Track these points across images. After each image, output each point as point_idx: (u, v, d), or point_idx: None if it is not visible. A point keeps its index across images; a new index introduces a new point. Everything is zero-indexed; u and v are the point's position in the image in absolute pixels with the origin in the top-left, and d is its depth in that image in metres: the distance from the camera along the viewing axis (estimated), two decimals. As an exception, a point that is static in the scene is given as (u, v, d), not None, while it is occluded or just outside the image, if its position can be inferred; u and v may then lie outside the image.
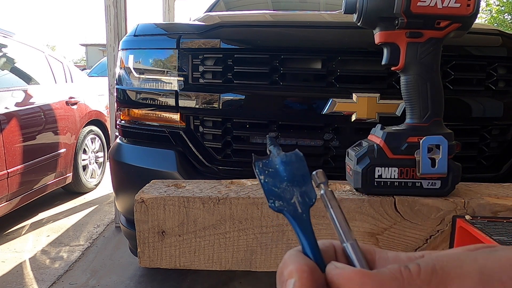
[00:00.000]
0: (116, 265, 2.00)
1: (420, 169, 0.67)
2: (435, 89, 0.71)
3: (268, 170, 0.29)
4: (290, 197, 0.27)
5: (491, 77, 1.09)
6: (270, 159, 0.29)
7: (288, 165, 0.29)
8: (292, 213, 0.27)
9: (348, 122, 1.06)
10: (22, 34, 2.82)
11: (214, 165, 1.15)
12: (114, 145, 1.35)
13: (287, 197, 0.27)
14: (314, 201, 0.28)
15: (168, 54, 1.17)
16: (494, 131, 1.13)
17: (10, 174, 2.23)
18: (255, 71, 1.11)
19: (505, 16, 14.37)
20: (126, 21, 2.41)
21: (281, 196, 0.27)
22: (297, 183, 0.28)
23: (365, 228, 0.69)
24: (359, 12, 0.71)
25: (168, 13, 4.19)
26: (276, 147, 0.30)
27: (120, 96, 1.29)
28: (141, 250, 0.70)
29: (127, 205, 1.28)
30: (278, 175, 0.28)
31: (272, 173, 0.28)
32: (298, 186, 0.28)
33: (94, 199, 3.17)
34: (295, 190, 0.28)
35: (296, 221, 0.27)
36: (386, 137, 0.70)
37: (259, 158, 0.29)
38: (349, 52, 1.08)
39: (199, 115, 1.16)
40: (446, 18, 0.66)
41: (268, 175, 0.28)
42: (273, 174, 0.28)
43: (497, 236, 0.57)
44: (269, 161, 0.29)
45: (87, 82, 3.56)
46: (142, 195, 0.69)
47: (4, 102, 2.27)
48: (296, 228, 0.27)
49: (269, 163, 0.29)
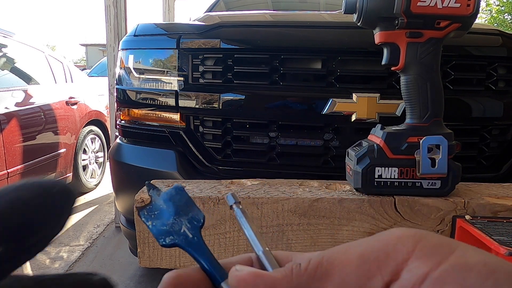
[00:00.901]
0: (116, 265, 2.00)
1: (420, 169, 0.67)
2: (435, 89, 0.71)
3: (154, 214, 0.30)
4: (179, 228, 0.29)
5: (491, 77, 1.09)
6: (152, 203, 0.31)
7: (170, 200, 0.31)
8: (184, 242, 0.28)
9: (348, 122, 1.06)
10: (22, 34, 2.82)
11: (214, 165, 1.15)
12: (114, 145, 1.35)
13: (176, 230, 0.29)
14: (202, 221, 0.29)
15: (168, 54, 1.17)
16: (494, 131, 1.13)
17: (10, 174, 2.23)
18: (255, 71, 1.11)
19: (505, 16, 14.37)
20: (126, 21, 2.41)
21: (171, 231, 0.29)
22: (183, 212, 0.30)
23: (365, 228, 0.69)
24: (359, 12, 0.71)
25: (168, 13, 4.19)
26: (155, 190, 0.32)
27: (120, 96, 1.29)
28: (141, 250, 0.70)
29: (127, 205, 1.28)
30: (163, 214, 0.30)
31: (157, 215, 0.30)
32: (185, 215, 0.29)
33: (94, 199, 3.17)
34: (182, 220, 0.29)
35: (190, 247, 0.28)
36: (386, 137, 0.70)
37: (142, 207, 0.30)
38: (349, 52, 1.08)
39: (199, 115, 1.16)
40: (446, 18, 0.66)
41: (154, 219, 0.29)
42: (158, 215, 0.30)
43: (497, 236, 0.57)
44: (152, 205, 0.31)
45: (87, 82, 3.56)
46: (142, 195, 0.69)
47: (4, 102, 2.27)
48: (191, 252, 0.28)
49: (152, 207, 0.30)
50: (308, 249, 0.69)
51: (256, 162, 1.13)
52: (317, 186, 0.76)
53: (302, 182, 0.79)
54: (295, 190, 0.72)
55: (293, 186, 0.76)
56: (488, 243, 0.57)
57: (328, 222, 0.68)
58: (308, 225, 0.68)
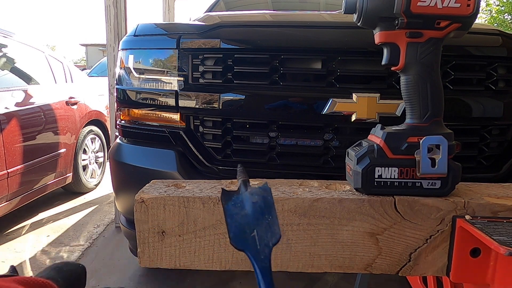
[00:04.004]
0: (116, 265, 2.00)
1: (420, 169, 0.67)
2: (435, 89, 0.71)
3: (237, 205, 0.29)
4: (254, 237, 0.28)
5: (491, 77, 1.09)
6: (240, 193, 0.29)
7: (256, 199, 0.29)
8: (253, 254, 0.27)
9: (348, 122, 1.06)
10: (22, 34, 2.82)
11: (214, 165, 1.15)
12: (114, 145, 1.35)
13: (251, 238, 0.27)
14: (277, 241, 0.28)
15: (168, 54, 1.17)
16: (494, 131, 1.13)
17: (10, 174, 2.23)
18: (255, 71, 1.11)
19: (505, 16, 14.37)
20: (126, 21, 2.40)
21: (245, 237, 0.27)
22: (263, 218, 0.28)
23: (365, 228, 0.68)
24: (359, 12, 0.71)
25: (168, 13, 4.19)
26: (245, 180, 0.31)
27: (120, 96, 1.29)
28: (141, 250, 0.70)
29: (127, 205, 1.28)
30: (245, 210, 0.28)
31: (239, 207, 0.29)
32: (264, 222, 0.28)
33: (94, 199, 3.17)
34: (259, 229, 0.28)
35: (256, 262, 0.27)
36: (386, 137, 0.70)
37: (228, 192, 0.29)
38: (349, 52, 1.08)
39: (199, 115, 1.16)
40: (446, 18, 0.66)
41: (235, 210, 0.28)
42: (240, 208, 0.29)
43: (497, 236, 0.57)
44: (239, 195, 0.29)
45: (87, 82, 3.56)
46: (142, 195, 0.69)
47: (4, 102, 2.27)
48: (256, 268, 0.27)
49: (238, 198, 0.29)
50: (308, 249, 0.69)
51: (256, 162, 1.13)
52: (317, 186, 0.76)
53: (302, 182, 0.78)
54: (295, 190, 0.72)
55: (293, 186, 0.76)
56: (488, 243, 0.57)
57: (328, 222, 0.68)
58: (308, 225, 0.68)
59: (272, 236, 0.27)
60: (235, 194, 0.29)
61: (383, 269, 0.70)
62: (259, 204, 0.28)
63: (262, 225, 0.27)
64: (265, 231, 0.27)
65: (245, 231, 0.27)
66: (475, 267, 0.66)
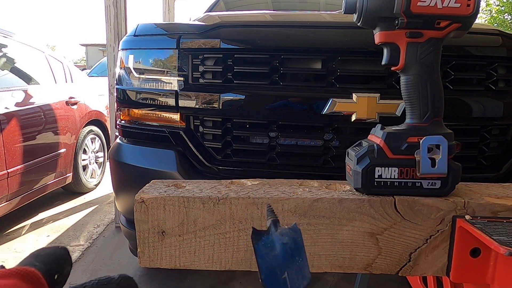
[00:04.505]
0: (116, 265, 2.00)
1: (420, 169, 0.67)
2: (435, 89, 0.71)
3: (267, 245, 0.29)
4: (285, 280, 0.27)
5: (491, 77, 1.09)
6: (270, 233, 0.29)
7: (286, 240, 0.29)
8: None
9: (348, 122, 1.06)
10: (22, 34, 2.82)
11: (214, 165, 1.15)
12: (114, 145, 1.35)
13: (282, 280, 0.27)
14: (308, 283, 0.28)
15: (168, 54, 1.17)
16: (494, 131, 1.13)
17: (10, 174, 2.23)
18: (255, 71, 1.11)
19: (505, 16, 14.37)
20: (126, 21, 2.41)
21: (279, 276, 0.27)
22: (293, 259, 0.28)
23: (365, 228, 0.68)
24: (359, 12, 0.71)
25: (168, 13, 4.19)
26: (275, 221, 0.30)
27: (120, 96, 1.29)
28: (141, 250, 0.70)
29: (127, 205, 1.28)
30: (275, 251, 0.28)
31: (270, 248, 0.29)
32: (294, 263, 0.28)
33: (94, 199, 3.17)
34: (290, 271, 0.28)
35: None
36: (386, 137, 0.70)
37: (259, 232, 0.29)
38: (349, 52, 1.08)
39: (199, 115, 1.16)
40: (446, 18, 0.66)
41: (267, 251, 0.28)
42: (270, 249, 0.28)
43: (497, 236, 0.57)
44: (269, 235, 0.29)
45: (87, 82, 3.56)
46: (142, 195, 0.69)
47: (4, 102, 2.27)
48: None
49: (268, 238, 0.29)
50: (308, 249, 0.69)
51: (256, 162, 1.13)
52: (317, 186, 0.76)
53: (302, 182, 0.78)
54: (295, 190, 0.72)
55: (293, 186, 0.76)
56: (488, 243, 0.57)
57: (328, 222, 0.68)
58: (308, 225, 0.68)
59: (303, 279, 0.27)
60: (265, 234, 0.29)
61: (383, 269, 0.70)
62: (289, 246, 0.28)
63: (293, 267, 0.27)
64: (296, 273, 0.27)
65: (276, 273, 0.27)
66: (475, 267, 0.66)
